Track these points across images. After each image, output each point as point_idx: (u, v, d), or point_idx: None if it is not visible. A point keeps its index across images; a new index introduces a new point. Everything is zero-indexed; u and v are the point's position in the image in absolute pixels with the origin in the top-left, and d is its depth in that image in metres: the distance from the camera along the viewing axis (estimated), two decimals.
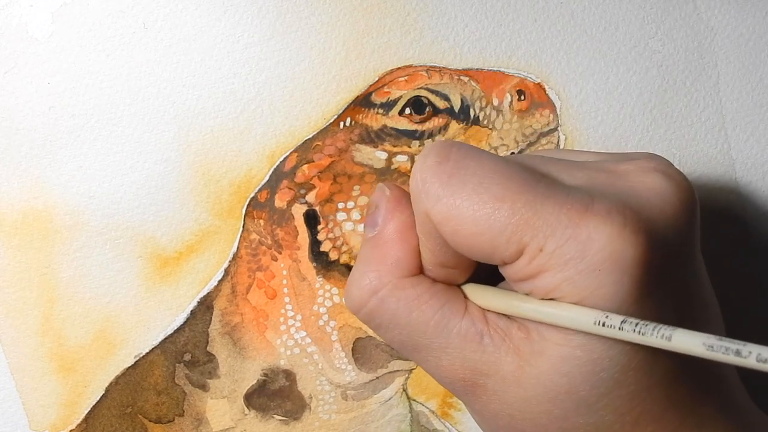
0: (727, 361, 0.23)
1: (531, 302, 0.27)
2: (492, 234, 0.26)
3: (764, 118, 0.41)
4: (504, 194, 0.26)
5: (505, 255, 0.27)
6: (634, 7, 0.40)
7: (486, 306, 0.29)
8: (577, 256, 0.25)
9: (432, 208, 0.27)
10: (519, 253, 0.26)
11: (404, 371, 0.40)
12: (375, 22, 0.40)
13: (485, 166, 0.27)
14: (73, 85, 0.39)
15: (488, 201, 0.26)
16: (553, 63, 0.40)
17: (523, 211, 0.26)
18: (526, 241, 0.26)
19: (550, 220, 0.26)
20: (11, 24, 0.39)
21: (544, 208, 0.26)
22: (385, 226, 0.30)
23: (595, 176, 0.28)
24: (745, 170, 0.41)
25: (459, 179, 0.27)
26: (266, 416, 0.40)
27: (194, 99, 0.39)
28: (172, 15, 0.39)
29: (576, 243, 0.26)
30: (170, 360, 0.40)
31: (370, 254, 0.30)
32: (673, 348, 0.24)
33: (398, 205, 0.30)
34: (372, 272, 0.30)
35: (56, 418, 0.40)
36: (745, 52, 0.41)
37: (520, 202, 0.26)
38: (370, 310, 0.30)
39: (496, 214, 0.26)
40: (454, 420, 0.41)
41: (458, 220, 0.27)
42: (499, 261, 0.27)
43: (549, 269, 0.26)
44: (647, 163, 0.29)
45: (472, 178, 0.27)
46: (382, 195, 0.31)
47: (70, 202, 0.39)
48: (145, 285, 0.40)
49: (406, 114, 0.39)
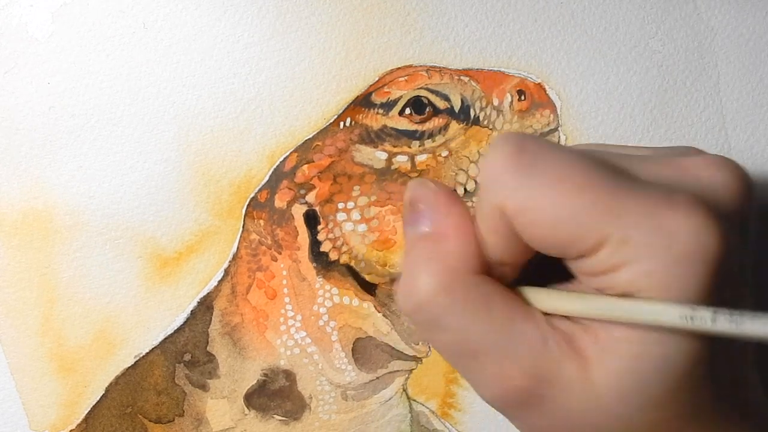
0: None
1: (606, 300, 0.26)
2: (573, 224, 0.25)
3: (764, 118, 0.41)
4: (586, 184, 0.25)
5: (584, 247, 0.26)
6: (634, 7, 0.40)
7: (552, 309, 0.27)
8: (663, 247, 0.25)
9: (508, 198, 0.26)
10: (600, 244, 0.25)
11: (404, 371, 0.40)
12: (375, 22, 0.40)
13: (563, 157, 0.26)
14: (73, 85, 0.39)
15: (570, 190, 0.25)
16: (554, 63, 0.40)
17: (608, 201, 0.25)
18: (609, 232, 0.25)
19: (635, 211, 0.25)
20: (11, 24, 0.39)
21: (627, 199, 0.25)
22: (440, 221, 0.28)
23: (662, 170, 0.28)
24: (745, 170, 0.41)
25: (539, 168, 0.26)
26: (266, 416, 0.40)
27: (194, 99, 0.39)
28: (172, 15, 0.39)
29: (662, 234, 0.25)
30: (170, 360, 0.40)
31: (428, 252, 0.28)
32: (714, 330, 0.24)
33: (451, 199, 0.29)
34: (432, 270, 0.28)
35: (56, 418, 0.40)
36: (745, 52, 0.41)
37: (603, 192, 0.25)
38: (429, 311, 0.28)
39: (578, 203, 0.25)
40: (454, 420, 0.41)
41: (538, 210, 0.26)
42: (576, 253, 0.26)
43: (632, 261, 0.25)
44: (709, 158, 0.28)
45: (552, 167, 0.26)
46: (425, 191, 0.29)
47: (70, 202, 0.39)
48: (145, 285, 0.40)
49: (406, 114, 0.39)
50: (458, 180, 0.40)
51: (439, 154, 0.40)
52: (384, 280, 0.40)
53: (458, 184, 0.40)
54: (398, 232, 0.39)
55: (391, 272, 0.40)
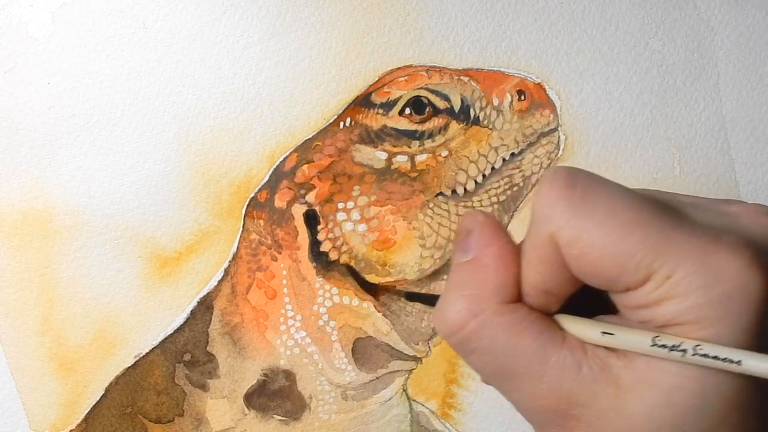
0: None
1: (635, 333, 0.27)
2: (621, 258, 0.26)
3: (764, 118, 0.41)
4: (636, 220, 0.27)
5: (630, 281, 0.27)
6: (634, 8, 0.40)
7: (585, 338, 0.29)
8: (706, 285, 0.26)
9: (560, 230, 0.27)
10: (645, 279, 0.26)
11: (404, 371, 0.40)
12: (375, 22, 0.40)
13: (614, 193, 0.28)
14: (73, 85, 0.39)
15: (620, 225, 0.27)
16: (554, 63, 0.40)
17: (655, 238, 0.26)
18: (655, 268, 0.26)
19: (682, 248, 0.26)
20: (11, 24, 0.39)
21: (675, 236, 0.26)
22: (483, 250, 0.30)
23: (709, 215, 0.29)
24: (745, 170, 0.41)
25: (590, 203, 0.27)
26: (266, 416, 0.40)
27: (194, 99, 0.39)
28: (172, 15, 0.39)
29: (706, 272, 0.26)
30: (170, 360, 0.40)
31: (468, 278, 0.30)
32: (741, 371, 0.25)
33: (496, 230, 0.30)
34: (471, 296, 0.29)
35: (56, 418, 0.40)
36: (745, 52, 0.41)
37: (652, 229, 0.26)
38: (467, 334, 0.29)
39: (627, 239, 0.26)
40: (454, 420, 0.41)
41: (587, 243, 0.27)
42: (622, 287, 0.27)
43: (675, 296, 0.26)
44: (755, 207, 0.29)
45: (603, 204, 0.27)
46: (474, 220, 0.31)
47: (70, 202, 0.39)
48: (145, 285, 0.40)
49: (406, 114, 0.39)
50: (458, 180, 0.40)
51: (439, 154, 0.40)
52: (384, 279, 0.40)
53: (458, 184, 0.40)
54: (398, 232, 0.39)
55: (390, 272, 0.40)
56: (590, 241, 0.27)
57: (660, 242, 0.26)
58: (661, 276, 0.26)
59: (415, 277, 0.40)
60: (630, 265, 0.26)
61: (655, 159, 0.40)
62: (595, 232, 0.27)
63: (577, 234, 0.27)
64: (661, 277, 0.26)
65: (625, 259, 0.26)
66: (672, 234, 0.26)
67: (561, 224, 0.27)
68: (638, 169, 0.40)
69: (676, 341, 0.26)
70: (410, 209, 0.39)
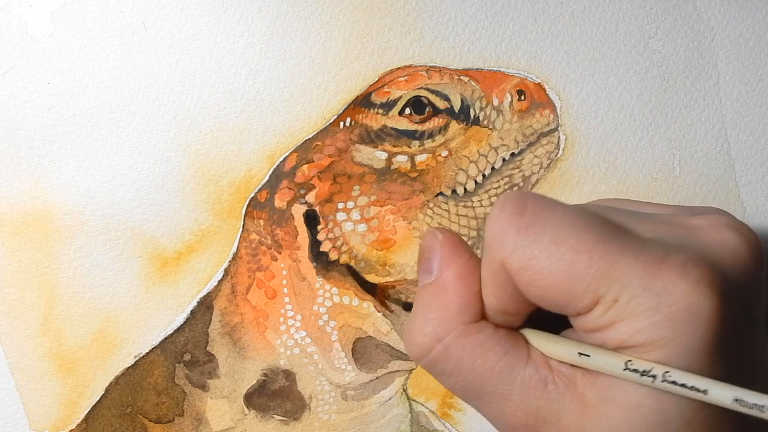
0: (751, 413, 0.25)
1: (594, 351, 0.27)
2: (568, 285, 0.27)
3: (764, 118, 0.41)
4: (581, 246, 0.27)
5: (579, 306, 0.27)
6: (634, 7, 0.40)
7: (550, 354, 0.29)
8: (652, 307, 0.26)
9: (509, 257, 0.28)
10: (594, 304, 0.27)
11: (404, 371, 0.40)
12: (375, 22, 0.40)
13: (562, 217, 0.28)
14: (73, 85, 0.39)
15: (566, 252, 0.27)
16: (554, 63, 0.40)
17: (600, 263, 0.26)
18: (602, 293, 0.26)
19: (626, 272, 0.26)
20: (11, 24, 0.39)
21: (620, 260, 0.26)
22: (443, 272, 0.30)
23: (668, 229, 0.29)
24: (745, 170, 0.41)
25: (537, 230, 0.27)
26: (266, 416, 0.40)
27: (194, 99, 0.39)
28: (172, 15, 0.39)
29: (651, 294, 0.26)
30: (170, 360, 0.40)
31: (431, 300, 0.30)
32: (708, 400, 0.25)
33: (455, 250, 0.30)
34: (435, 319, 0.30)
35: (56, 418, 0.40)
36: (745, 52, 0.41)
37: (596, 254, 0.27)
38: (434, 357, 0.30)
39: (573, 266, 0.27)
40: (454, 420, 0.41)
41: (535, 270, 0.27)
42: (573, 311, 0.28)
43: (623, 320, 0.26)
44: (718, 219, 0.29)
45: (550, 229, 0.27)
46: (434, 240, 0.31)
47: (70, 202, 0.39)
48: (145, 285, 0.40)
49: (406, 114, 0.39)
50: (458, 180, 0.40)
51: (439, 154, 0.40)
52: (384, 279, 0.40)
53: (458, 184, 0.40)
54: (398, 232, 0.39)
55: (390, 272, 0.40)
56: (538, 268, 0.27)
57: (605, 267, 0.26)
58: (608, 300, 0.26)
59: (415, 277, 0.40)
60: (578, 291, 0.27)
61: (655, 159, 0.40)
62: (543, 259, 0.27)
63: (526, 261, 0.27)
64: (608, 301, 0.26)
65: (572, 286, 0.27)
66: (618, 257, 0.26)
67: (510, 251, 0.27)
68: (638, 169, 0.40)
69: (647, 366, 0.26)
70: (410, 209, 0.40)
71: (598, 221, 0.28)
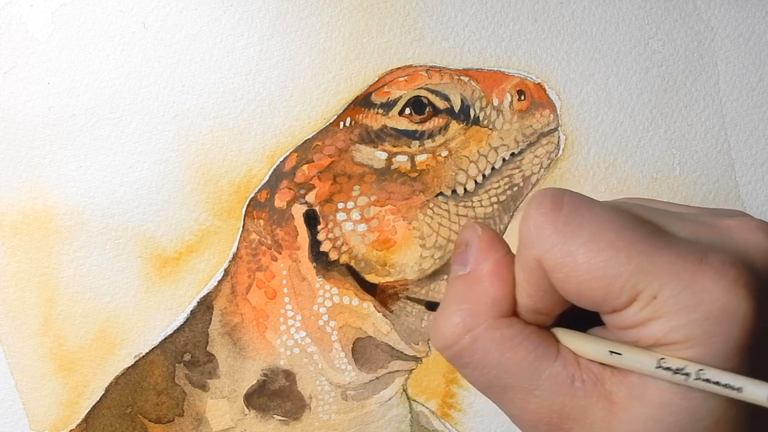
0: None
1: (627, 350, 0.27)
2: (606, 281, 0.27)
3: (764, 118, 0.41)
4: (620, 243, 0.27)
5: (616, 302, 0.27)
6: (634, 7, 0.40)
7: (581, 353, 0.29)
8: (691, 305, 0.26)
9: (545, 254, 0.27)
10: (631, 300, 0.27)
11: (404, 371, 0.40)
12: (375, 22, 0.40)
13: (599, 215, 0.28)
14: (73, 85, 0.39)
15: (604, 249, 0.27)
16: (554, 63, 0.40)
17: (639, 260, 0.26)
18: (640, 289, 0.26)
19: (666, 269, 0.26)
20: (11, 24, 0.39)
21: (659, 258, 0.26)
22: (479, 264, 0.30)
23: (700, 230, 0.29)
24: (745, 170, 0.41)
25: (574, 226, 0.27)
26: (266, 416, 0.40)
27: (194, 99, 0.39)
28: (172, 15, 0.39)
29: (690, 292, 0.26)
30: (170, 360, 0.40)
31: (464, 292, 0.30)
32: (742, 398, 0.25)
33: (492, 244, 0.30)
34: (466, 310, 0.29)
35: (56, 418, 0.40)
36: (745, 52, 0.41)
37: (635, 251, 0.27)
38: (461, 348, 0.29)
39: (611, 262, 0.27)
40: (454, 420, 0.41)
41: (572, 267, 0.27)
42: (609, 308, 0.27)
43: (660, 317, 0.26)
44: (749, 221, 0.29)
45: (588, 226, 0.27)
46: (473, 233, 0.31)
47: (70, 202, 0.39)
48: (145, 285, 0.40)
49: (406, 114, 0.39)
50: (458, 180, 0.40)
51: (439, 154, 0.40)
52: (384, 279, 0.40)
53: (458, 184, 0.40)
54: (398, 232, 0.39)
55: (390, 272, 0.40)
56: (575, 264, 0.27)
57: (644, 264, 0.26)
58: (646, 297, 0.26)
59: (415, 277, 0.40)
60: (615, 287, 0.27)
61: (655, 159, 0.40)
62: (580, 255, 0.27)
63: (563, 258, 0.27)
64: (646, 297, 0.26)
65: (609, 282, 0.27)
66: (656, 254, 0.26)
67: (547, 248, 0.27)
68: (638, 169, 0.40)
69: (680, 364, 0.26)
70: (410, 209, 0.40)
71: (634, 219, 0.28)
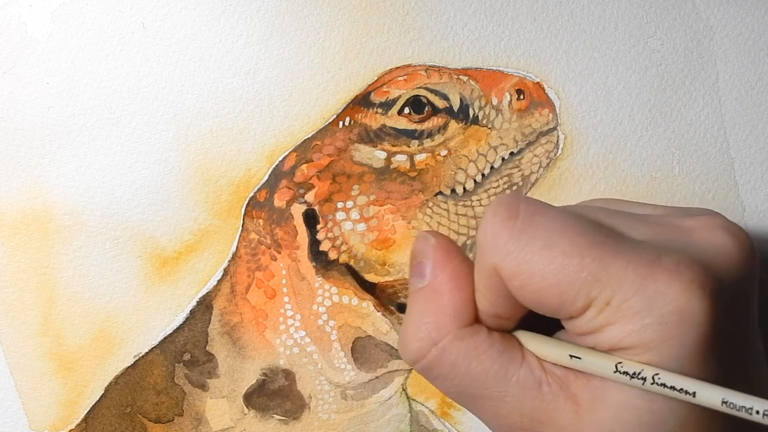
0: (739, 415, 0.25)
1: (588, 354, 0.27)
2: (561, 289, 0.27)
3: (764, 117, 0.41)
4: (573, 250, 0.27)
5: (572, 309, 0.27)
6: (633, 6, 0.40)
7: (543, 357, 0.29)
8: (643, 309, 0.26)
9: (501, 262, 0.28)
10: (586, 307, 0.27)
11: (404, 371, 0.40)
12: (374, 22, 0.40)
13: (554, 221, 0.28)
14: (73, 85, 0.39)
15: (558, 256, 0.27)
16: (553, 62, 0.40)
17: (592, 267, 0.27)
18: (594, 296, 0.26)
19: (618, 275, 0.26)
20: (11, 24, 0.39)
21: (612, 263, 0.27)
22: (437, 276, 0.30)
23: (660, 231, 0.29)
24: (744, 170, 0.41)
25: (529, 234, 0.27)
26: (266, 416, 0.40)
27: (194, 99, 0.39)
28: (171, 15, 0.39)
29: (643, 297, 0.26)
30: (170, 360, 0.40)
31: (425, 305, 0.30)
32: (696, 402, 0.25)
33: (447, 253, 0.30)
34: (430, 323, 0.30)
35: (56, 418, 0.40)
36: (745, 51, 0.41)
37: (588, 258, 0.27)
38: (429, 362, 0.30)
39: (565, 270, 0.27)
40: (453, 420, 0.41)
41: (528, 275, 0.27)
42: (565, 315, 0.28)
43: (615, 323, 0.26)
44: (711, 220, 0.29)
45: (542, 234, 0.27)
46: (426, 244, 0.31)
47: (69, 202, 0.39)
48: (145, 285, 0.40)
49: (405, 113, 0.40)
50: (457, 179, 0.40)
51: (438, 154, 0.40)
52: (383, 279, 0.40)
53: (457, 183, 0.40)
54: (397, 232, 0.39)
55: (390, 271, 0.40)
56: (531, 272, 0.27)
57: (596, 270, 0.26)
58: (600, 303, 0.26)
59: None
60: (569, 295, 0.27)
61: (654, 158, 0.40)
62: (535, 263, 0.27)
63: (518, 266, 0.27)
64: (600, 304, 0.26)
65: (564, 290, 0.27)
66: (609, 260, 0.27)
67: (503, 256, 0.28)
68: (637, 168, 0.40)
69: (637, 368, 0.26)
70: (409, 208, 0.40)
71: (590, 224, 0.28)
